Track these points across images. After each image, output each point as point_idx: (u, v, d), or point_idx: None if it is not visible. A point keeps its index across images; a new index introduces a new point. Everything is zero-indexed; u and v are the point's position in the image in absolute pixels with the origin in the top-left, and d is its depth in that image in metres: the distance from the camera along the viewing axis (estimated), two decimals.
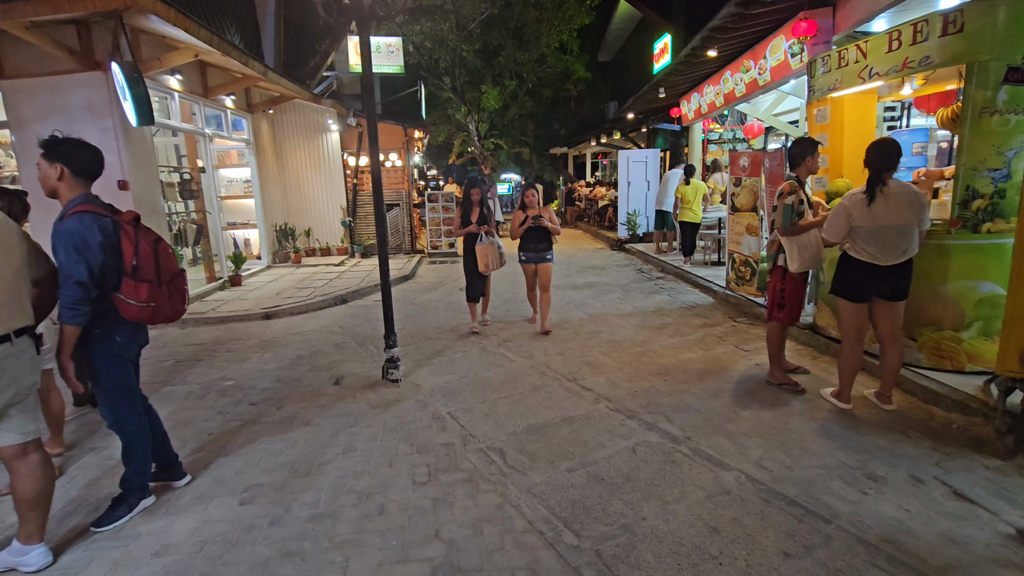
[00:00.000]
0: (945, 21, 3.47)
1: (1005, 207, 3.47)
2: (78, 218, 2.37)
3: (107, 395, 2.62)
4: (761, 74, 7.36)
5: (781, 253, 3.83)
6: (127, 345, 2.63)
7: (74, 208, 2.39)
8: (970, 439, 3.08)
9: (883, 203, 3.20)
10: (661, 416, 3.56)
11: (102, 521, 2.61)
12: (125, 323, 2.56)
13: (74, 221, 2.36)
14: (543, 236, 5.41)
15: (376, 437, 3.44)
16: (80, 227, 2.35)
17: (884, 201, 3.20)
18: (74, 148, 2.45)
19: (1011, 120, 3.37)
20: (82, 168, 2.47)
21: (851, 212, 3.28)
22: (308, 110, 10.69)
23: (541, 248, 5.43)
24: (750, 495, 2.67)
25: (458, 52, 17.27)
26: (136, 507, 2.72)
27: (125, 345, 2.62)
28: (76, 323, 2.32)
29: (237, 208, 10.09)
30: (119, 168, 6.14)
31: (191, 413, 3.92)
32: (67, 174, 2.42)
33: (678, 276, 8.20)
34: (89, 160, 2.50)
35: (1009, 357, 2.89)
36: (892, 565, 2.17)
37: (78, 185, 2.46)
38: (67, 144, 2.44)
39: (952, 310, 3.67)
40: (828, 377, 4.04)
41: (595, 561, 2.26)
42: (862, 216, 3.25)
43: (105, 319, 2.50)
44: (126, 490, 2.71)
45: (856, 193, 3.30)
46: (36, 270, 2.36)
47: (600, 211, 15.12)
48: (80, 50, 5.90)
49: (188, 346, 5.63)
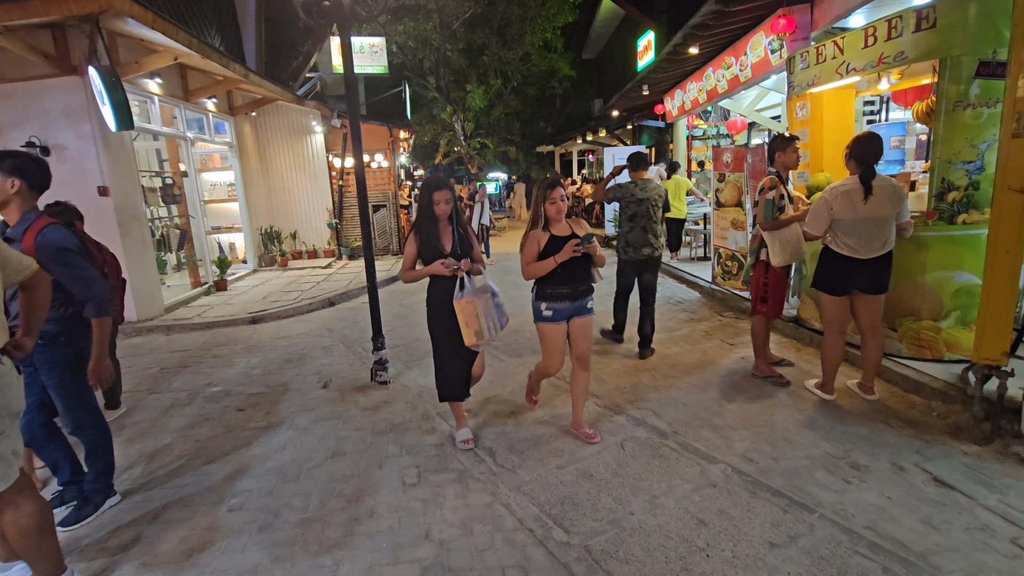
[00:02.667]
0: (919, 17, 3.53)
1: (979, 198, 3.54)
2: (54, 228, 2.40)
3: (70, 402, 2.64)
4: (742, 70, 7.43)
5: (764, 247, 3.87)
6: (89, 349, 2.61)
7: (39, 221, 2.40)
8: (949, 426, 3.15)
9: (862, 196, 3.24)
10: (649, 411, 3.60)
11: (68, 520, 2.64)
12: (87, 328, 2.57)
13: (56, 231, 2.39)
14: (583, 269, 3.05)
15: (365, 440, 3.44)
16: (66, 235, 2.41)
17: (862, 194, 3.25)
18: (30, 163, 2.44)
19: (983, 113, 3.44)
20: (36, 182, 2.47)
21: (832, 205, 3.33)
22: (292, 112, 10.61)
23: (581, 292, 3.08)
24: (736, 487, 2.71)
25: (442, 51, 17.24)
26: (102, 506, 2.78)
27: (88, 349, 2.61)
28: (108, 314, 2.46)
29: (221, 212, 10.00)
30: (99, 174, 6.05)
31: (177, 420, 3.89)
32: (23, 188, 2.41)
33: (665, 272, 8.26)
34: (44, 175, 2.50)
35: (985, 345, 2.96)
36: (874, 552, 2.21)
37: (30, 198, 2.46)
38: (21, 158, 2.43)
39: (930, 300, 3.75)
40: (812, 369, 4.10)
41: (584, 557, 2.28)
42: (843, 209, 3.29)
43: (70, 326, 2.54)
44: (91, 490, 2.76)
45: (838, 187, 3.34)
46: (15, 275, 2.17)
47: (587, 209, 15.16)
48: (56, 54, 5.80)
49: (173, 352, 5.57)
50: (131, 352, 5.65)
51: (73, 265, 2.41)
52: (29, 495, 2.07)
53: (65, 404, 2.63)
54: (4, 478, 1.94)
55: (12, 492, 1.98)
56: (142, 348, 5.79)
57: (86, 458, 2.76)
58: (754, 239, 3.96)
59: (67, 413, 2.66)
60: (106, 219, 6.09)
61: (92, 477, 2.77)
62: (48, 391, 2.62)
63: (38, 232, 2.36)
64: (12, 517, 2.01)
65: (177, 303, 7.29)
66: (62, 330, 2.51)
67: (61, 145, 6.00)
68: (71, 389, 2.61)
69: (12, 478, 1.97)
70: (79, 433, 2.71)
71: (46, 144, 5.96)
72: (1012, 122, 2.74)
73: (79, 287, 2.43)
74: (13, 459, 1.99)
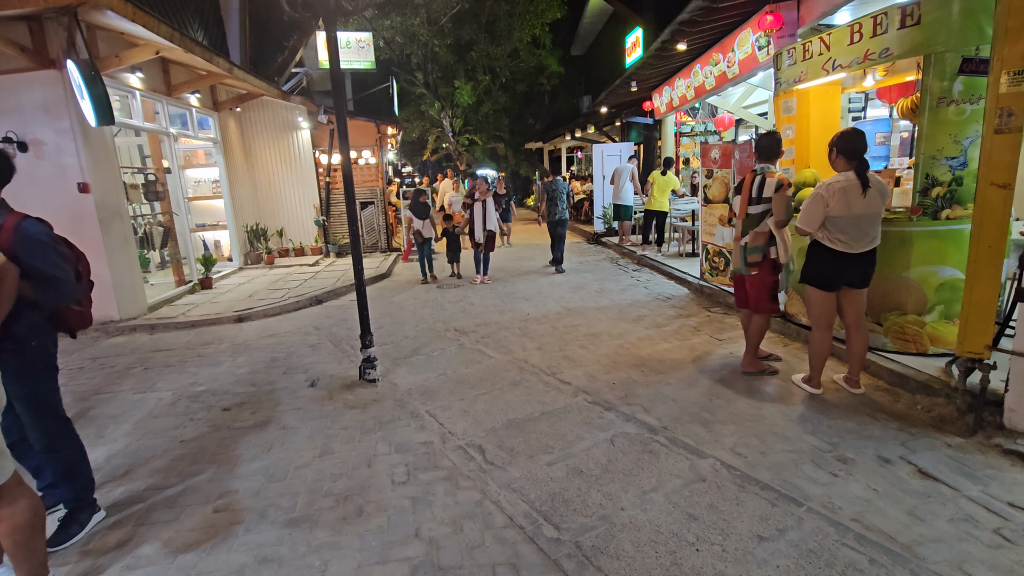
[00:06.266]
0: (903, 14, 3.56)
1: (962, 194, 3.59)
2: (33, 221, 2.28)
3: (41, 415, 2.44)
4: (730, 67, 7.46)
5: (772, 245, 3.79)
6: (56, 355, 2.50)
7: (15, 215, 2.27)
8: (933, 419, 3.19)
9: (858, 192, 3.26)
10: (638, 407, 3.60)
11: (55, 540, 2.47)
12: (54, 331, 2.46)
13: (37, 224, 2.28)
14: None
15: (354, 438, 3.40)
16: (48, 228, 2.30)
17: (860, 190, 3.26)
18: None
19: (966, 110, 3.48)
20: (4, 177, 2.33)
21: (828, 202, 3.31)
22: (277, 107, 10.47)
23: None
24: (725, 481, 2.72)
25: (430, 47, 17.12)
26: (88, 523, 2.60)
27: (55, 355, 2.49)
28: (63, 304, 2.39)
29: (206, 209, 9.85)
30: (79, 170, 5.92)
31: (161, 421, 3.82)
32: None
33: (654, 268, 8.30)
34: (9, 169, 2.36)
35: (968, 339, 3.00)
36: (861, 543, 2.24)
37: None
38: None
39: (915, 295, 3.79)
40: (799, 364, 4.14)
41: (575, 553, 2.28)
42: (839, 206, 3.30)
43: (40, 329, 2.38)
44: (74, 508, 2.59)
45: (833, 183, 3.32)
46: None
47: (576, 205, 15.17)
48: (33, 47, 5.66)
49: (157, 352, 5.48)
50: (114, 352, 5.55)
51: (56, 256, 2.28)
52: (24, 491, 2.06)
53: (35, 415, 2.42)
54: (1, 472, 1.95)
55: (9, 486, 1.99)
56: (125, 347, 5.68)
57: (64, 476, 2.54)
58: (759, 236, 3.82)
59: (38, 427, 2.44)
60: (87, 216, 5.97)
61: (72, 496, 2.57)
62: (15, 402, 2.37)
63: (16, 224, 2.22)
64: (8, 512, 2.00)
65: (161, 302, 7.17)
66: (32, 334, 2.33)
67: (39, 140, 5.86)
68: (43, 397, 2.43)
69: (9, 471, 1.99)
70: (53, 452, 2.50)
71: (23, 139, 5.82)
72: (995, 118, 2.77)
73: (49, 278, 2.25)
74: (6, 452, 2.00)
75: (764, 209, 3.78)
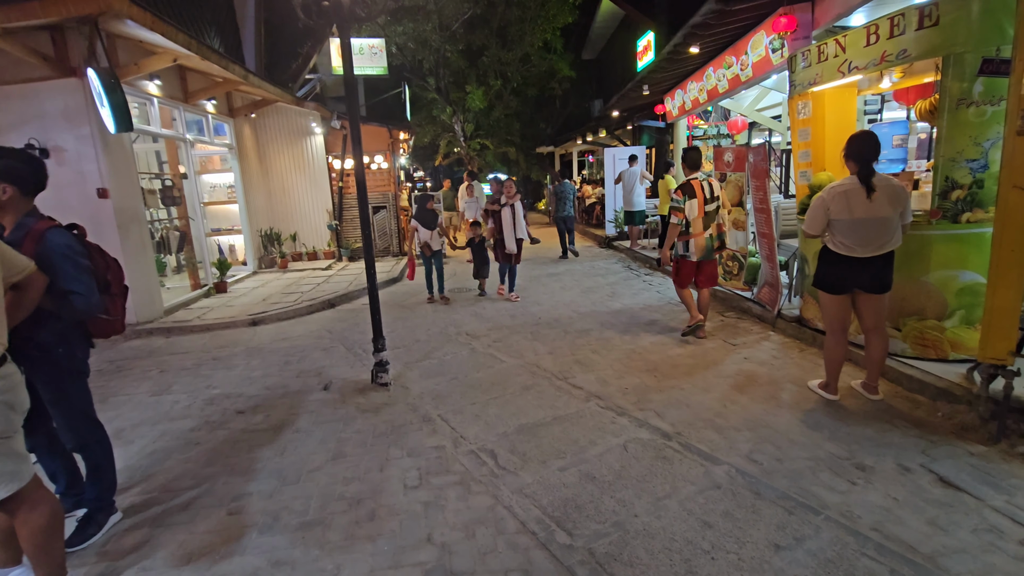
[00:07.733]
0: (921, 15, 3.51)
1: (983, 197, 3.52)
2: (58, 232, 2.29)
3: (72, 418, 2.51)
4: (743, 70, 7.41)
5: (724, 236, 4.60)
6: (86, 360, 2.55)
7: (42, 224, 2.28)
8: (955, 426, 3.12)
9: (862, 196, 3.22)
10: (651, 412, 3.57)
11: (73, 541, 2.51)
12: (83, 338, 2.49)
13: (62, 235, 2.29)
14: None
15: (366, 442, 3.41)
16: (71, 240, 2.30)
17: (864, 194, 3.22)
18: (21, 165, 2.28)
19: (987, 111, 3.41)
20: (31, 185, 2.32)
21: (829, 206, 3.31)
22: (291, 113, 10.59)
23: None
24: (741, 488, 2.68)
25: (442, 53, 17.23)
26: (105, 524, 2.63)
27: (85, 360, 2.53)
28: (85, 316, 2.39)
29: (221, 214, 9.98)
30: (98, 176, 6.03)
31: (176, 423, 3.86)
32: (16, 195, 2.26)
33: (666, 272, 8.24)
34: (38, 176, 2.34)
35: (991, 344, 2.93)
36: (881, 554, 2.19)
37: (25, 202, 2.32)
38: (11, 158, 2.27)
39: (934, 299, 3.72)
40: (816, 369, 4.08)
41: (588, 560, 2.25)
42: (839, 209, 3.27)
43: (67, 336, 2.41)
44: (94, 509, 2.62)
45: (836, 187, 3.32)
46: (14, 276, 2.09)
47: (587, 209, 15.14)
48: (55, 56, 5.79)
49: (173, 355, 5.55)
50: (131, 354, 5.63)
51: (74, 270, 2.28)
52: (44, 495, 2.10)
53: (67, 418, 2.49)
54: (20, 475, 1.98)
55: (29, 489, 2.02)
56: (142, 350, 5.76)
57: (89, 475, 2.62)
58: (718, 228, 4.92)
59: (70, 429, 2.52)
60: (106, 221, 6.07)
61: (95, 495, 2.62)
62: (47, 406, 2.45)
63: (42, 235, 2.25)
64: (27, 515, 2.03)
65: (177, 305, 7.26)
66: (59, 342, 2.37)
67: (60, 147, 5.98)
68: (73, 401, 2.49)
69: (29, 475, 2.02)
70: (84, 451, 2.58)
71: (45, 146, 5.95)
72: (1017, 119, 2.72)
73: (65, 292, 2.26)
74: (28, 456, 2.04)
75: (716, 206, 4.86)
